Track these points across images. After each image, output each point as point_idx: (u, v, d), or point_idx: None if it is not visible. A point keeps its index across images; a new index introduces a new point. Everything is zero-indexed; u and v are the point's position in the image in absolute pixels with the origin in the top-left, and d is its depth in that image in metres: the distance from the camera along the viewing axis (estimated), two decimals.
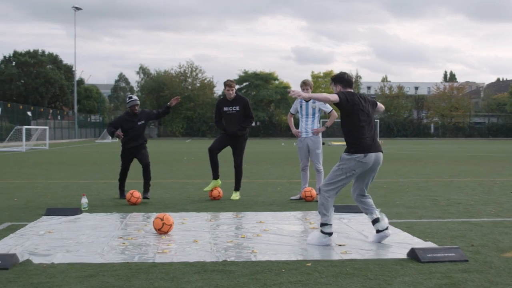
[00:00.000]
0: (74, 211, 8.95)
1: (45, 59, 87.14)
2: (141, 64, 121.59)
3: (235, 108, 10.79)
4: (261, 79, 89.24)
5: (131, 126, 10.80)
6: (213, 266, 5.61)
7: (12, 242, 6.79)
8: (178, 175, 16.53)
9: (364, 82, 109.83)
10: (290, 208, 9.79)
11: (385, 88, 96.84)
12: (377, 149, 6.80)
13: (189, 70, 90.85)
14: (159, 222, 7.29)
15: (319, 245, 6.64)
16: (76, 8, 75.40)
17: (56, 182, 14.32)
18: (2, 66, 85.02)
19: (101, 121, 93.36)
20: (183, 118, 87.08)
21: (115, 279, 5.15)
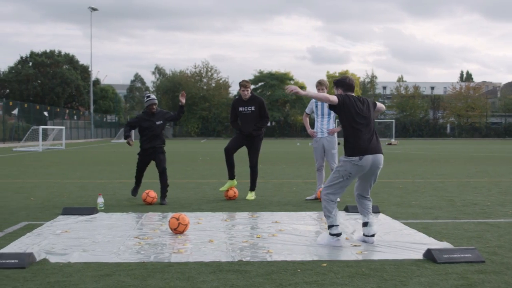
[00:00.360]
0: (90, 210, 8.99)
1: (61, 60, 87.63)
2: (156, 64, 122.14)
3: (250, 108, 10.79)
4: (276, 79, 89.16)
5: (149, 125, 10.65)
6: (229, 266, 5.62)
7: (29, 241, 6.83)
8: (193, 175, 16.56)
9: (380, 82, 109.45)
10: (305, 208, 9.78)
11: (401, 88, 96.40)
12: (375, 151, 6.79)
13: (204, 70, 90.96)
14: (175, 222, 7.31)
15: (323, 242, 6.71)
16: (92, 8, 75.70)
17: (73, 182, 14.40)
18: (19, 66, 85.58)
19: (117, 121, 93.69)
20: (198, 118, 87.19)
21: (131, 279, 5.17)
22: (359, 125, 6.76)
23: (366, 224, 6.92)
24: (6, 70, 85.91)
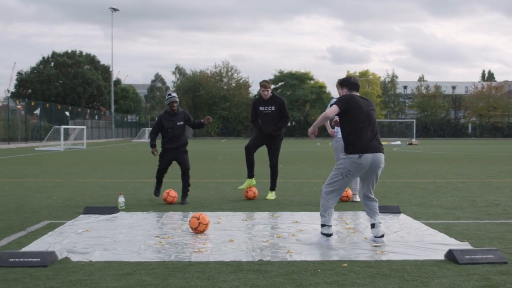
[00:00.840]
0: (112, 209, 9.04)
1: (83, 60, 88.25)
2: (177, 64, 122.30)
3: (270, 108, 10.78)
4: (296, 79, 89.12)
5: (171, 125, 10.54)
6: (249, 266, 5.62)
7: (51, 240, 6.89)
8: (213, 174, 16.59)
9: (400, 82, 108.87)
10: None
11: (421, 88, 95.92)
12: (375, 150, 6.77)
13: (224, 70, 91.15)
14: (195, 221, 7.33)
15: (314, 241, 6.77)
16: (113, 9, 76.13)
17: (94, 181, 14.49)
18: (41, 66, 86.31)
19: (137, 120, 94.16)
20: (218, 118, 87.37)
21: (152, 278, 5.19)
22: (361, 123, 6.77)
23: (374, 225, 6.90)
24: (28, 70, 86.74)
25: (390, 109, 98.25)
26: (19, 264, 5.55)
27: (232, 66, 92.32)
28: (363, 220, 8.32)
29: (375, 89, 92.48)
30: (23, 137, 51.65)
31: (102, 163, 22.75)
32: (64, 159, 25.83)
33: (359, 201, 10.51)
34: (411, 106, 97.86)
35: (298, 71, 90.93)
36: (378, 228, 6.85)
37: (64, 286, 4.92)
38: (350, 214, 8.97)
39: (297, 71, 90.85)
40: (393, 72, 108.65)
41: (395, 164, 21.82)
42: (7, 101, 58.47)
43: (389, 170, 18.07)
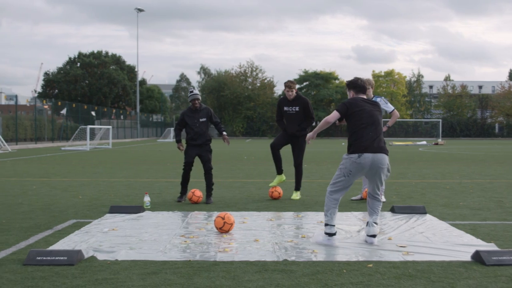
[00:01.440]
0: (137, 209, 9.09)
1: (108, 60, 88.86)
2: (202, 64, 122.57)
3: (294, 108, 10.77)
4: (321, 78, 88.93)
5: (193, 122, 10.60)
6: (274, 266, 5.62)
7: (77, 238, 6.94)
8: (238, 174, 16.60)
9: (426, 81, 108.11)
10: (350, 208, 9.72)
11: (447, 87, 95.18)
12: (376, 150, 6.78)
13: (249, 70, 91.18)
14: (220, 221, 7.34)
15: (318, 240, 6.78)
16: (138, 9, 76.54)
17: (119, 181, 14.58)
18: (67, 67, 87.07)
19: (162, 120, 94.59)
20: (243, 118, 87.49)
21: (177, 277, 5.21)
22: (363, 124, 6.83)
23: (368, 224, 6.94)
24: (55, 70, 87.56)
25: (415, 109, 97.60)
26: (46, 262, 5.61)
27: (257, 66, 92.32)
28: (388, 221, 8.28)
29: (400, 89, 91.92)
30: (49, 136, 52.18)
31: (127, 162, 22.89)
32: (90, 158, 26.03)
33: (385, 201, 10.46)
34: (437, 106, 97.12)
35: (323, 71, 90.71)
36: (371, 227, 6.86)
37: (90, 284, 4.96)
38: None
39: (322, 71, 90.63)
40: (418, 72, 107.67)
41: (421, 164, 21.67)
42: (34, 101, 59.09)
43: (415, 171, 17.95)
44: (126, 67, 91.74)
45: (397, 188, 12.61)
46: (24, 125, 49.04)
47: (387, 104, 10.58)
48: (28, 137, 49.27)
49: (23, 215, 8.83)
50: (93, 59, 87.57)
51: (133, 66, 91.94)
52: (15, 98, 49.88)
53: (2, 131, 41.14)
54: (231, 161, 23.15)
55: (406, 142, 53.44)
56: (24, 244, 6.66)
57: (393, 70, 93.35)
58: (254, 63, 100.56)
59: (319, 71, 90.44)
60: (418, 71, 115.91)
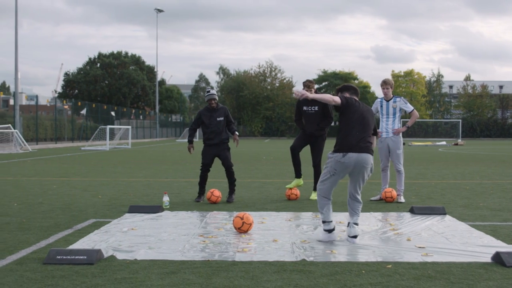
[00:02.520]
0: (156, 209, 9.12)
1: (128, 60, 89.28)
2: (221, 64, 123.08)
3: (313, 108, 10.75)
4: (340, 78, 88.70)
5: (209, 121, 10.63)
6: (293, 266, 5.62)
7: (97, 238, 6.98)
8: (257, 174, 16.61)
9: (446, 81, 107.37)
10: (370, 209, 9.68)
11: (468, 87, 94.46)
12: (360, 150, 6.87)
13: (268, 70, 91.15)
14: (239, 221, 7.35)
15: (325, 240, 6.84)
16: (158, 10, 76.84)
17: (138, 180, 14.64)
18: (87, 67, 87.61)
19: (181, 120, 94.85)
20: (262, 118, 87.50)
21: (196, 276, 5.22)
22: (352, 123, 6.93)
23: (349, 224, 7.00)
24: (75, 71, 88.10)
25: (435, 109, 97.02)
26: (66, 261, 5.65)
27: (276, 66, 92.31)
28: (407, 222, 8.23)
29: (420, 89, 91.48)
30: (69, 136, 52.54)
31: (146, 162, 22.98)
32: (109, 158, 26.17)
33: (404, 202, 10.41)
34: (457, 106, 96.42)
35: (342, 71, 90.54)
36: (352, 228, 6.92)
37: (110, 283, 4.99)
38: (395, 215, 8.89)
39: (341, 71, 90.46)
40: (438, 72, 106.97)
41: (441, 164, 21.54)
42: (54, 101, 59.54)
43: (435, 171, 17.85)
44: (145, 67, 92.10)
45: (417, 189, 12.55)
46: (44, 125, 49.42)
47: (406, 104, 10.54)
48: (48, 137, 49.65)
49: (43, 215, 8.89)
50: (113, 59, 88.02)
51: (153, 66, 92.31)
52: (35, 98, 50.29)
53: (22, 131, 41.48)
54: (249, 162, 23.15)
55: (426, 143, 53.14)
56: (44, 243, 6.71)
57: (412, 70, 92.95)
58: (273, 63, 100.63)
59: (338, 71, 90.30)
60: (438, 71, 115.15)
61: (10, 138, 34.38)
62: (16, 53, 39.60)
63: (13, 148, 33.36)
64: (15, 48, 39.54)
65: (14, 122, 38.64)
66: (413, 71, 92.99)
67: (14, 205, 9.98)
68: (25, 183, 13.90)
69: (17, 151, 32.41)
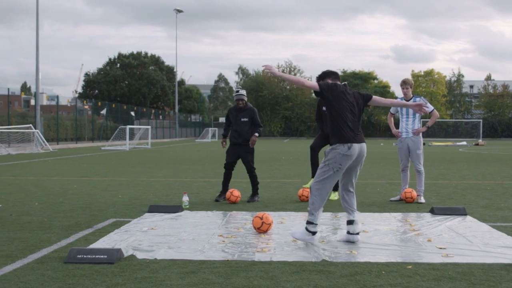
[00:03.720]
0: (176, 208, 9.14)
1: (147, 61, 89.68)
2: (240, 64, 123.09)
3: None
4: (360, 78, 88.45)
5: (234, 121, 10.68)
6: (312, 266, 5.60)
7: (117, 237, 7.02)
8: (276, 174, 16.60)
9: (467, 81, 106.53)
10: (389, 209, 9.64)
11: (488, 87, 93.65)
12: (361, 140, 6.81)
13: (287, 70, 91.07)
14: (259, 221, 7.35)
15: (297, 236, 6.72)
16: (177, 10, 77.10)
17: (158, 180, 14.69)
18: (107, 68, 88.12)
19: (201, 120, 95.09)
20: (281, 118, 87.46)
21: (215, 276, 5.23)
22: (346, 113, 6.80)
23: (352, 222, 6.90)
24: (95, 71, 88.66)
25: (455, 109, 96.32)
26: (87, 260, 5.68)
27: (295, 66, 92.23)
28: (427, 222, 8.18)
29: (440, 89, 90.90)
30: (89, 136, 52.87)
31: (166, 162, 23.06)
32: (129, 158, 26.29)
33: (424, 202, 10.35)
34: (478, 106, 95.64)
35: (362, 71, 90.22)
36: (356, 225, 6.87)
37: (130, 283, 5.01)
38: (415, 216, 8.84)
39: (361, 71, 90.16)
40: (459, 71, 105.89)
41: (461, 165, 21.40)
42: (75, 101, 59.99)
43: (455, 171, 17.73)
44: (165, 67, 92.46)
45: (437, 189, 12.47)
46: (65, 125, 49.79)
47: (426, 104, 10.47)
48: (69, 137, 50.00)
49: (64, 214, 8.96)
50: (133, 59, 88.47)
51: (172, 66, 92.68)
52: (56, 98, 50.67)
53: (43, 131, 41.81)
54: (269, 162, 23.15)
55: (446, 143, 52.83)
56: (65, 242, 6.76)
57: (432, 70, 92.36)
58: (292, 63, 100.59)
59: (358, 71, 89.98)
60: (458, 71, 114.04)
61: (31, 138, 34.67)
62: (37, 53, 39.93)
63: (34, 148, 33.64)
64: (36, 49, 39.87)
65: (35, 122, 38.95)
66: (433, 70, 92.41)
67: (35, 204, 10.06)
68: (46, 182, 14.01)
69: (38, 151, 32.68)
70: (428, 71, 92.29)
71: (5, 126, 35.09)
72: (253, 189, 10.67)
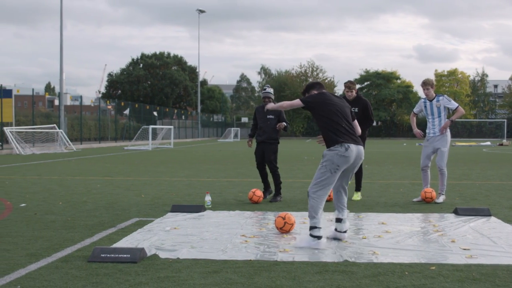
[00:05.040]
0: (198, 208, 9.17)
1: (170, 61, 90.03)
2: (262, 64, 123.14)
3: (354, 109, 10.69)
4: (382, 78, 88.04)
5: (260, 118, 10.73)
6: (335, 267, 5.59)
7: (140, 237, 7.05)
8: (299, 174, 16.58)
9: (491, 81, 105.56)
10: (412, 210, 9.58)
11: None
12: (357, 142, 6.78)
13: (310, 69, 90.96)
14: (281, 221, 7.35)
15: (301, 245, 6.55)
16: (200, 10, 77.28)
17: (181, 180, 14.74)
18: (130, 68, 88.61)
19: (223, 120, 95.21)
20: (303, 118, 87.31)
21: (238, 276, 5.23)
22: (336, 117, 6.76)
23: (340, 220, 6.94)
24: (118, 71, 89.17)
25: (479, 109, 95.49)
26: (110, 259, 5.72)
27: (318, 65, 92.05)
28: (451, 223, 8.12)
29: (464, 88, 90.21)
30: (113, 136, 53.16)
31: (188, 162, 23.13)
32: (152, 158, 26.41)
33: (442, 202, 10.28)
34: (502, 106, 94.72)
35: (385, 70, 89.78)
36: (344, 223, 6.95)
37: (153, 282, 5.04)
38: (438, 216, 8.77)
39: (384, 70, 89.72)
40: (482, 71, 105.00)
41: (485, 165, 21.21)
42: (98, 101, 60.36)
43: (479, 172, 17.58)
44: (187, 67, 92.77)
45: (461, 190, 12.38)
46: (88, 125, 50.14)
47: (450, 102, 10.40)
48: (92, 136, 50.34)
49: (87, 213, 9.02)
50: (155, 60, 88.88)
51: (194, 66, 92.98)
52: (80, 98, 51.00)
53: (67, 131, 42.14)
54: (291, 161, 23.13)
55: (470, 143, 52.39)
56: (89, 242, 6.81)
57: (456, 69, 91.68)
58: (314, 63, 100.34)
59: (381, 71, 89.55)
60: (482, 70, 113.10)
61: (55, 138, 34.96)
62: (61, 54, 40.24)
63: (58, 148, 33.93)
64: (60, 49, 40.17)
65: (59, 122, 39.26)
66: (456, 70, 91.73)
67: (59, 203, 10.15)
68: (69, 182, 14.12)
69: (62, 151, 32.97)
70: (451, 70, 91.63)
71: (29, 126, 35.42)
72: (275, 189, 10.68)
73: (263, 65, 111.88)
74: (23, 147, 30.97)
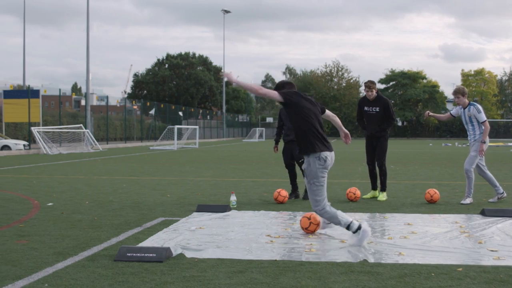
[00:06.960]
0: (224, 208, 9.19)
1: (195, 61, 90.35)
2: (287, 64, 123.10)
3: (375, 109, 10.70)
4: (408, 78, 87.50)
5: (285, 118, 10.69)
6: (360, 267, 5.57)
7: (165, 236, 7.08)
8: None
9: None
10: (439, 210, 9.50)
11: None
12: (330, 148, 6.74)
13: (335, 69, 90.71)
14: (306, 221, 7.33)
15: (361, 243, 6.54)
16: (225, 11, 77.41)
17: (206, 180, 14.78)
18: (156, 68, 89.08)
19: (248, 121, 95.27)
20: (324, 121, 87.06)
21: (263, 276, 5.23)
22: (313, 121, 6.67)
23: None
24: (144, 72, 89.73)
25: (507, 109, 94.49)
26: (136, 259, 5.76)
27: (343, 65, 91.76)
28: (478, 224, 8.04)
29: (491, 88, 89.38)
30: (138, 136, 53.52)
31: (214, 162, 23.19)
32: (177, 158, 26.52)
33: (468, 204, 10.18)
34: None
35: (410, 70, 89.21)
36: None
37: (178, 281, 5.06)
38: (465, 217, 8.69)
39: (409, 70, 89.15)
40: (510, 70, 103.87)
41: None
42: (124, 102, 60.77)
43: (506, 172, 17.39)
44: (212, 68, 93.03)
45: (488, 191, 12.24)
46: (114, 125, 50.55)
47: (479, 114, 10.16)
48: (118, 136, 50.73)
49: (113, 212, 9.09)
50: (181, 60, 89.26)
51: (219, 67, 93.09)
52: (106, 99, 51.41)
53: (93, 130, 42.51)
54: None
55: (497, 143, 51.84)
56: (115, 241, 6.85)
57: (483, 69, 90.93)
58: (339, 63, 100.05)
59: (406, 71, 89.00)
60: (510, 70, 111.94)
61: (82, 137, 35.28)
62: (87, 55, 40.58)
63: (85, 148, 34.24)
64: (87, 50, 40.53)
65: (86, 122, 39.61)
66: (483, 70, 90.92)
67: (85, 203, 10.23)
68: (96, 181, 14.23)
69: (88, 150, 33.26)
70: (478, 70, 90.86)
71: (56, 126, 35.79)
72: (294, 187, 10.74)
73: (288, 65, 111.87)
74: (50, 146, 31.31)
